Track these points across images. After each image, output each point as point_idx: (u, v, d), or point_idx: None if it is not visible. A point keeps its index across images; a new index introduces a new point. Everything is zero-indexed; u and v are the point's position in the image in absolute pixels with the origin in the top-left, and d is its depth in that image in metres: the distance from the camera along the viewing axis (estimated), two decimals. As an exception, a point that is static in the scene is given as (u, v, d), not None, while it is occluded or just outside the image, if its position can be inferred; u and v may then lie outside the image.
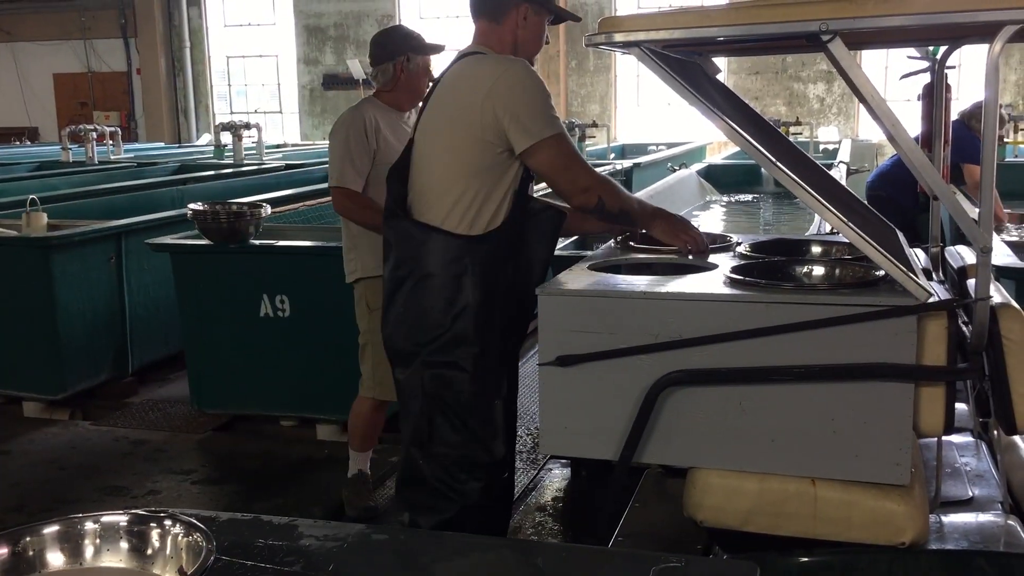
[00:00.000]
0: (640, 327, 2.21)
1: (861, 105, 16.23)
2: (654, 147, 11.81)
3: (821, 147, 10.96)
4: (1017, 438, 2.61)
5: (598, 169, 9.16)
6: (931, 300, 2.04)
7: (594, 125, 10.34)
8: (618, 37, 2.14)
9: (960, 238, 5.32)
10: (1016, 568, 1.99)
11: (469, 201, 2.51)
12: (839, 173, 7.71)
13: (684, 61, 2.65)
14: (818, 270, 2.52)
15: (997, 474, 2.53)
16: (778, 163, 2.10)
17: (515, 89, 2.51)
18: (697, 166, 8.73)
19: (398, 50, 3.64)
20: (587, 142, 10.02)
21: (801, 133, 9.91)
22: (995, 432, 2.66)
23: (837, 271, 2.49)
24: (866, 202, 6.74)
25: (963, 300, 2.11)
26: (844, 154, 8.90)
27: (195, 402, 4.92)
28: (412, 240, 2.56)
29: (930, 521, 2.18)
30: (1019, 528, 2.21)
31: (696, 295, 2.23)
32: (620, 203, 2.61)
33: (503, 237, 2.53)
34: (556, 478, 4.29)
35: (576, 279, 2.42)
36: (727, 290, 2.24)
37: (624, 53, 2.23)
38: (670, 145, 11.74)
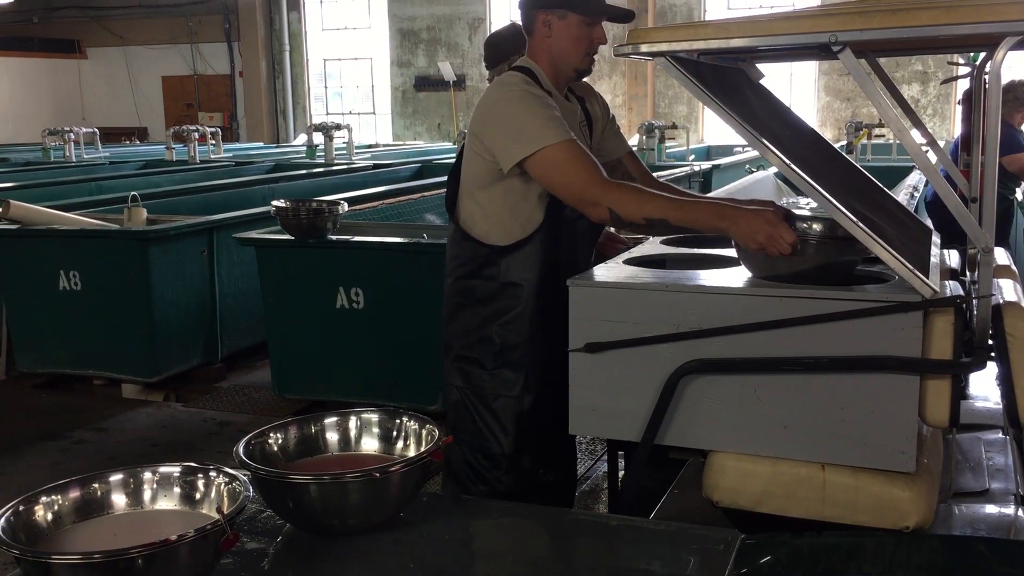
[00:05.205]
0: (663, 318, 2.37)
1: (958, 106, 15.76)
2: (740, 148, 11.76)
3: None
4: (1043, 435, 2.66)
5: (674, 172, 9.10)
6: (937, 297, 2.14)
7: (673, 127, 10.41)
8: (644, 48, 2.29)
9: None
10: (1016, 555, 2.06)
11: (495, 211, 2.62)
12: (919, 176, 7.62)
13: (723, 68, 2.78)
14: (841, 267, 2.62)
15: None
16: (793, 165, 2.22)
17: (491, 111, 2.57)
18: (775, 168, 8.71)
19: (513, 49, 3.79)
20: (667, 143, 10.09)
21: (884, 136, 9.79)
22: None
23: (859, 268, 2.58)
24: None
25: (967, 297, 2.20)
26: (932, 156, 8.75)
27: (276, 388, 5.21)
28: (452, 241, 2.73)
29: (939, 509, 2.28)
30: (1028, 519, 2.29)
31: (715, 288, 2.37)
32: (644, 211, 2.42)
33: (531, 246, 2.61)
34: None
35: (607, 272, 2.58)
36: (745, 284, 2.38)
37: (649, 61, 2.38)
38: (756, 147, 11.61)
